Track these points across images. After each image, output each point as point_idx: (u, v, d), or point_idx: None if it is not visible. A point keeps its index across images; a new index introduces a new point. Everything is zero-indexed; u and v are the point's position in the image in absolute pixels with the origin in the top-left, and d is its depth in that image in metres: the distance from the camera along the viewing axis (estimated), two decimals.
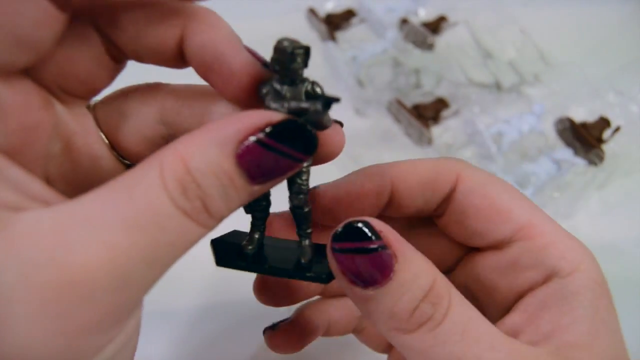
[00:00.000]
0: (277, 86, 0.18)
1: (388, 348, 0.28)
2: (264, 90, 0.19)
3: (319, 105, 0.18)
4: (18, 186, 0.16)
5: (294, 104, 0.18)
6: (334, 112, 0.19)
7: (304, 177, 0.20)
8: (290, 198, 0.21)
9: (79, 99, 0.20)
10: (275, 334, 0.27)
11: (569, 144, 0.51)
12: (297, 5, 0.66)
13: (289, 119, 0.17)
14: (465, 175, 0.23)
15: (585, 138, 0.49)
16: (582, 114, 0.53)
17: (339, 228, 0.19)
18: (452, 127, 0.52)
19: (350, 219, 0.19)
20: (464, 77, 0.58)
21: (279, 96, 0.18)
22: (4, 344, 0.14)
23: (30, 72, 0.18)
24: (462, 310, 0.19)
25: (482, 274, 0.23)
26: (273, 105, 0.18)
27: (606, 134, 0.51)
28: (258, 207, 0.21)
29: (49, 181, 0.19)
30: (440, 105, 0.53)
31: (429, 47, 0.60)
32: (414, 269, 0.18)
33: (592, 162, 0.48)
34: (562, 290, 0.20)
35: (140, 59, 0.21)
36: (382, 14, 0.63)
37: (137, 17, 0.19)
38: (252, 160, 0.16)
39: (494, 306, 0.23)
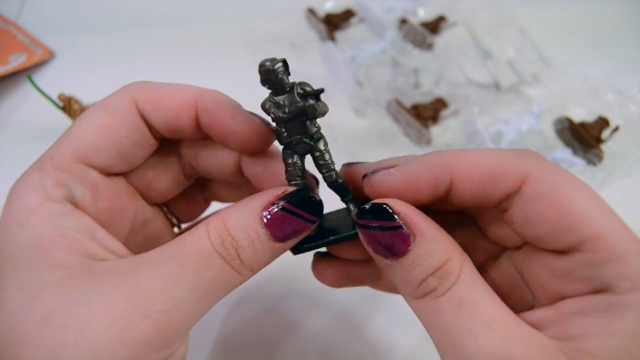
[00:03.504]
0: (275, 99, 0.22)
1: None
2: (267, 106, 0.23)
3: (311, 100, 0.22)
4: (103, 244, 0.22)
5: (292, 108, 0.22)
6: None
7: (326, 157, 0.24)
8: (324, 178, 0.24)
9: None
10: (322, 261, 0.29)
11: (567, 143, 0.51)
12: (296, 5, 0.66)
13: (299, 189, 0.23)
14: (535, 175, 0.20)
15: (584, 138, 0.49)
16: (581, 114, 0.53)
17: (365, 206, 0.22)
18: (451, 127, 0.52)
19: (375, 200, 0.22)
20: (463, 77, 0.58)
21: (278, 106, 0.22)
22: (81, 345, 0.18)
23: (125, 174, 0.26)
24: (467, 288, 0.20)
25: (534, 268, 0.22)
26: (278, 113, 0.22)
27: (605, 133, 0.51)
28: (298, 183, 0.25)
29: (125, 242, 0.25)
30: (439, 105, 0.53)
31: (428, 47, 0.60)
32: (429, 247, 0.21)
33: (591, 162, 0.48)
34: (609, 304, 0.19)
35: (211, 176, 0.28)
36: (382, 14, 0.63)
37: (210, 147, 0.27)
38: (273, 220, 0.22)
39: (534, 297, 0.23)
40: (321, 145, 0.24)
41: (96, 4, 0.69)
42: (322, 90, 0.22)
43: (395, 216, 0.21)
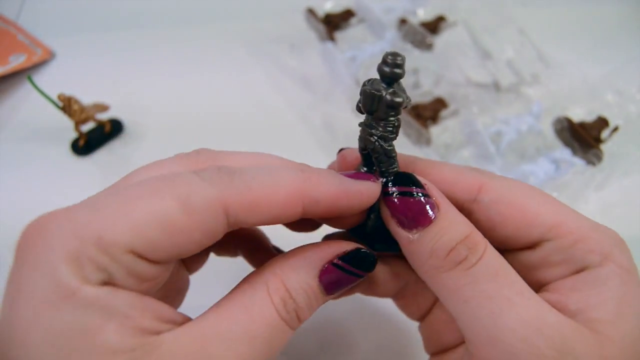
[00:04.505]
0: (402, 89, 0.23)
1: (422, 316, 0.29)
2: (404, 99, 0.23)
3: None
4: (153, 312, 0.19)
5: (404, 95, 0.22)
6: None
7: (393, 154, 0.24)
8: (383, 174, 0.24)
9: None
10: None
11: (567, 144, 0.51)
12: (296, 5, 0.66)
13: (357, 248, 0.23)
14: (489, 184, 0.23)
15: (584, 138, 0.49)
16: (580, 114, 0.53)
17: (391, 177, 0.23)
18: (451, 127, 0.52)
19: (399, 171, 0.23)
20: (462, 77, 0.58)
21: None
22: None
23: None
24: (497, 257, 0.21)
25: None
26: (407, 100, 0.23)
27: (604, 133, 0.51)
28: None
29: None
30: (438, 105, 0.53)
31: (428, 47, 0.60)
32: (453, 218, 0.22)
33: (590, 162, 0.48)
34: (591, 278, 0.21)
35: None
36: (381, 14, 0.63)
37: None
38: (329, 278, 0.22)
39: None
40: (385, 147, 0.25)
41: (96, 4, 0.69)
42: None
43: (422, 185, 0.22)
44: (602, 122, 0.51)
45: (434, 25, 0.63)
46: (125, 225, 0.18)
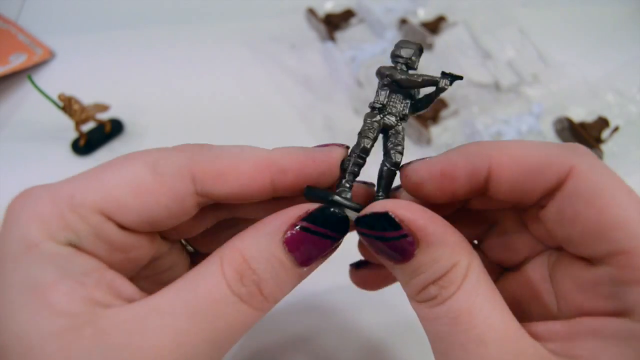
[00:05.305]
0: (404, 69, 0.24)
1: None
2: (388, 72, 0.23)
3: (447, 80, 0.23)
4: (112, 286, 0.19)
5: (426, 77, 0.23)
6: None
7: (401, 139, 0.23)
8: (392, 155, 0.23)
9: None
10: (360, 270, 0.28)
11: None
12: (296, 5, 0.66)
13: (322, 207, 0.20)
14: (580, 171, 0.19)
15: (584, 138, 0.49)
16: (580, 114, 0.53)
17: (364, 213, 0.20)
18: (451, 127, 0.52)
19: (375, 209, 0.20)
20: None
21: (404, 73, 0.23)
22: None
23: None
24: (467, 297, 0.19)
25: (561, 275, 0.21)
26: (401, 75, 0.23)
27: (605, 133, 0.51)
28: (359, 163, 0.23)
29: (135, 276, 0.22)
30: (439, 105, 0.53)
31: (428, 47, 0.60)
32: (435, 253, 0.19)
33: None
34: (625, 330, 0.18)
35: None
36: (381, 14, 0.63)
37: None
38: (296, 243, 0.19)
39: (558, 308, 0.22)
40: (402, 129, 0.23)
41: (96, 4, 0.69)
42: (461, 77, 0.23)
43: (399, 225, 0.19)
44: (602, 122, 0.51)
45: (435, 25, 0.63)
46: (97, 187, 0.19)
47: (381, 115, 0.23)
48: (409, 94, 0.23)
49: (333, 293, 0.39)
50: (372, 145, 0.23)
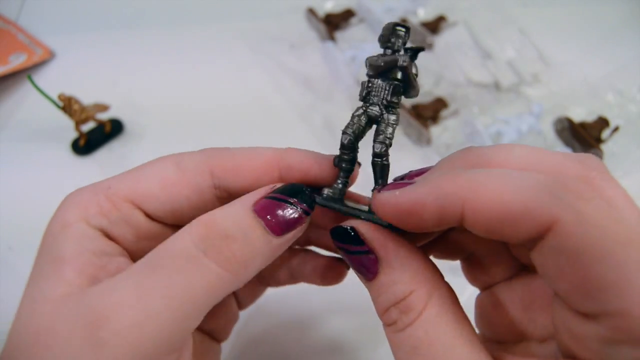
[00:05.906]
0: (383, 54, 0.23)
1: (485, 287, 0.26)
2: (370, 60, 0.23)
3: (406, 56, 0.22)
4: (119, 270, 0.20)
5: (387, 58, 0.22)
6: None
7: (389, 130, 0.23)
8: (374, 146, 0.23)
9: None
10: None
11: (567, 143, 0.51)
12: (296, 5, 0.66)
13: (291, 184, 0.23)
14: (564, 224, 0.16)
15: (584, 138, 0.49)
16: (580, 114, 0.53)
17: (334, 227, 0.22)
18: (451, 127, 0.52)
19: (344, 223, 0.22)
20: (463, 77, 0.58)
21: (379, 58, 0.23)
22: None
23: None
24: (428, 328, 0.19)
25: (556, 311, 0.19)
26: (374, 60, 0.23)
27: (605, 133, 0.51)
28: (344, 159, 0.24)
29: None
30: (439, 105, 0.53)
31: (428, 46, 0.60)
32: (394, 276, 0.20)
33: None
34: None
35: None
36: (382, 13, 0.63)
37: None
38: (264, 208, 0.21)
39: (543, 333, 0.21)
40: (391, 119, 0.23)
41: (96, 4, 0.69)
42: (422, 48, 0.23)
43: (361, 241, 0.21)
44: (602, 122, 0.51)
45: (435, 25, 0.63)
46: (129, 180, 0.23)
47: (363, 109, 0.23)
48: (388, 78, 0.23)
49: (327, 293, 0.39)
50: (350, 140, 0.23)
